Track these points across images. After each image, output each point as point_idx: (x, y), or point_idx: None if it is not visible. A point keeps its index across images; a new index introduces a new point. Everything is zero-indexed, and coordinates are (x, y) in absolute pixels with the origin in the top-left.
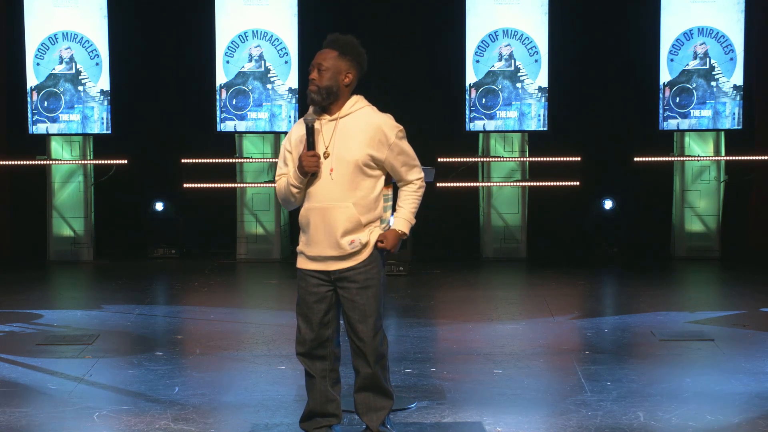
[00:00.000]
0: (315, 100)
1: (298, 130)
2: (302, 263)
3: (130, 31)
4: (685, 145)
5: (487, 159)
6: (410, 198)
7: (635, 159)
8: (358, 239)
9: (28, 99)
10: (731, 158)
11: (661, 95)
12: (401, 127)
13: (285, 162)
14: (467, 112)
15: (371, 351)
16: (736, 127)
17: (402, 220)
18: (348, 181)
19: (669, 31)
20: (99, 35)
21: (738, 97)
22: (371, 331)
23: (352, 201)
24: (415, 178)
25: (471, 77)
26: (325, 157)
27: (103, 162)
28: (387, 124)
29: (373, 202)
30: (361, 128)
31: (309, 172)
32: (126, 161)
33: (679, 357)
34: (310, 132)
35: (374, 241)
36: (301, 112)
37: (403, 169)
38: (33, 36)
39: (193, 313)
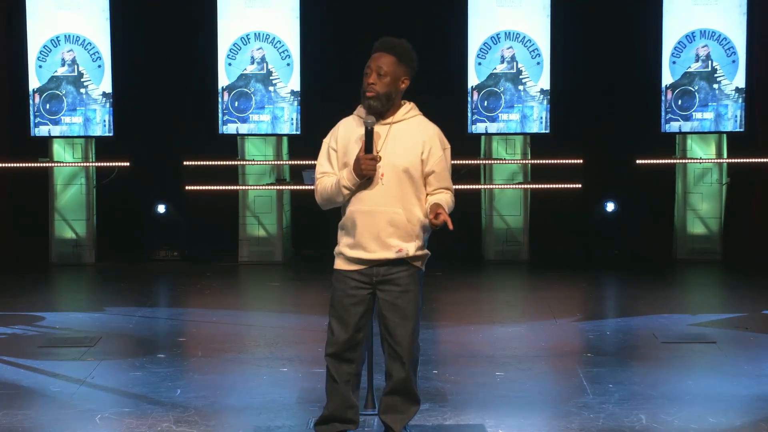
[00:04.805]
0: (374, 106)
1: (348, 129)
2: (342, 265)
3: (132, 33)
4: (687, 147)
5: (489, 161)
6: (441, 195)
7: (637, 161)
8: (406, 249)
9: (30, 101)
10: (733, 160)
11: (663, 97)
12: (449, 146)
13: (329, 161)
14: (469, 114)
15: (407, 354)
16: (738, 130)
17: (441, 196)
18: (397, 187)
19: (671, 33)
20: (101, 37)
21: (740, 100)
22: (410, 334)
23: (401, 207)
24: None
25: (473, 79)
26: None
27: (105, 164)
28: (438, 137)
29: (421, 209)
30: (413, 136)
31: (366, 175)
32: (128, 163)
33: (681, 359)
34: (370, 135)
35: (413, 252)
36: (303, 113)
37: (435, 184)
38: (35, 38)
39: (195, 315)
